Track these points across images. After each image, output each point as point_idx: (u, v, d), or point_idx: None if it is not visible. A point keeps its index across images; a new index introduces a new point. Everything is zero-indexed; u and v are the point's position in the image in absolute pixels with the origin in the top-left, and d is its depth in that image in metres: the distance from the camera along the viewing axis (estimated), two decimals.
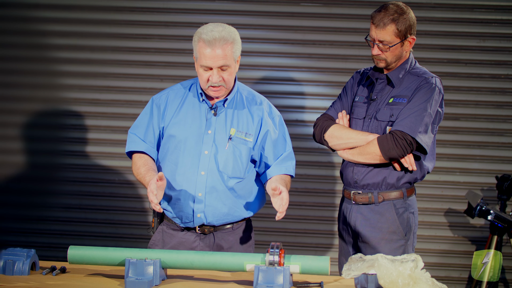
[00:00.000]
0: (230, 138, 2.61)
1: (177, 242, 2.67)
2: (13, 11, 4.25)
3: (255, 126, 2.65)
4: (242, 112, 2.65)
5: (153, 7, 4.24)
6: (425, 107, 2.71)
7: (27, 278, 2.25)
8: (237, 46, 2.54)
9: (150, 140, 2.66)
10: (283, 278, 2.12)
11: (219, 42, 2.47)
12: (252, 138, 2.63)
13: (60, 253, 3.73)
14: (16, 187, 4.29)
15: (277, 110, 2.77)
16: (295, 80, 4.24)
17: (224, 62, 2.49)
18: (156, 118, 2.66)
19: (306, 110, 4.22)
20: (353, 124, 2.89)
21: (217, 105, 2.62)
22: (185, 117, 2.63)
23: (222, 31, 2.50)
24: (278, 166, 2.67)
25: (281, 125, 2.72)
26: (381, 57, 2.77)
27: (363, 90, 2.92)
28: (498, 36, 4.14)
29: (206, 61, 2.49)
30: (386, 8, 2.73)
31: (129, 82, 4.27)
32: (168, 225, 2.71)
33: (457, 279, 4.21)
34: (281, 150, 2.69)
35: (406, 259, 2.07)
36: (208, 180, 2.58)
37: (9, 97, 4.28)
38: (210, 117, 2.62)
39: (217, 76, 2.51)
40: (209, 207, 2.60)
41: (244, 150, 2.62)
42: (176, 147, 2.61)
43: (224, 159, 2.59)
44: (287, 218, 4.25)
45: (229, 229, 2.69)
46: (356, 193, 2.86)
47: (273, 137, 2.67)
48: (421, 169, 2.82)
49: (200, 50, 2.50)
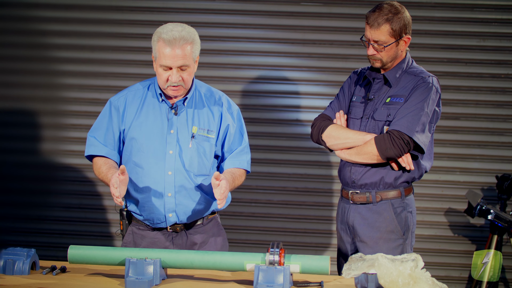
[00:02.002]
0: (193, 136, 2.62)
1: (149, 242, 2.68)
2: (13, 11, 4.25)
3: (216, 122, 2.67)
4: (202, 109, 2.66)
5: (153, 7, 4.24)
6: (422, 106, 2.71)
7: (27, 277, 2.25)
8: (197, 46, 2.56)
9: (110, 143, 2.66)
10: (283, 277, 2.12)
11: (178, 41, 2.48)
12: (214, 135, 2.66)
13: (60, 253, 3.72)
14: (16, 187, 4.29)
15: (236, 104, 2.78)
16: (295, 80, 4.23)
17: (183, 62, 2.50)
18: (115, 120, 2.66)
19: (306, 110, 4.21)
20: (350, 124, 2.89)
21: (177, 104, 2.63)
22: (146, 119, 2.63)
23: (182, 31, 2.51)
24: (232, 160, 2.70)
25: (239, 119, 2.75)
26: (376, 57, 2.77)
27: (360, 90, 2.92)
28: (498, 35, 4.13)
29: (165, 60, 2.50)
30: (380, 8, 2.73)
31: (129, 82, 4.24)
32: (138, 226, 2.70)
33: (457, 279, 4.21)
34: (237, 144, 2.71)
35: (406, 259, 2.07)
36: (176, 179, 2.59)
37: (9, 97, 4.28)
38: (171, 117, 2.62)
39: (177, 76, 2.52)
40: (180, 206, 2.61)
41: (207, 147, 2.64)
42: (140, 149, 2.61)
43: (189, 158, 2.61)
44: (287, 218, 4.27)
45: (200, 225, 2.70)
46: (354, 192, 2.86)
47: (231, 132, 2.70)
48: (418, 168, 2.82)
49: (159, 50, 2.51)
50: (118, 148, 2.68)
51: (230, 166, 2.68)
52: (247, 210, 4.24)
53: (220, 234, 2.79)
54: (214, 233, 2.75)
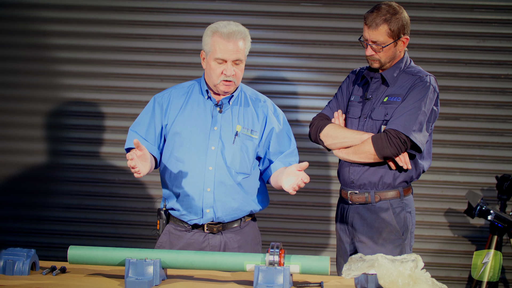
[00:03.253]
0: (237, 134, 2.63)
1: (185, 243, 2.67)
2: (13, 11, 4.25)
3: (260, 124, 2.68)
4: (247, 109, 2.68)
5: (153, 7, 4.24)
6: (420, 105, 2.71)
7: (27, 278, 2.25)
8: (249, 44, 2.62)
9: (151, 138, 2.67)
10: (283, 278, 2.12)
11: (236, 35, 2.54)
12: (257, 135, 2.67)
13: (60, 253, 3.73)
14: (16, 187, 4.29)
15: (280, 109, 2.80)
16: (294, 80, 4.24)
17: (238, 56, 2.55)
18: (158, 116, 2.67)
19: (306, 111, 4.21)
20: (348, 123, 2.90)
21: (223, 101, 2.65)
22: (190, 114, 2.65)
23: (237, 26, 2.59)
24: (282, 161, 2.69)
25: (285, 123, 2.76)
26: (374, 57, 2.78)
27: (359, 89, 2.93)
28: (498, 36, 4.14)
29: (222, 53, 2.53)
30: (378, 9, 2.74)
31: (129, 82, 4.27)
32: (175, 226, 2.70)
33: (457, 279, 4.21)
34: (285, 147, 2.72)
35: (406, 259, 2.07)
36: (216, 175, 2.60)
37: (9, 97, 4.29)
38: (215, 114, 2.64)
39: (232, 70, 2.55)
40: (218, 202, 2.61)
41: (250, 145, 2.65)
42: (182, 144, 2.63)
43: (232, 155, 2.61)
44: (287, 218, 4.27)
45: (237, 228, 2.69)
46: (353, 193, 2.86)
47: (277, 135, 2.70)
48: (416, 167, 2.82)
49: (215, 43, 2.54)
50: (158, 143, 2.69)
51: (280, 167, 2.68)
52: None
53: (256, 240, 2.77)
54: (250, 237, 2.74)
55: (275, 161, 2.70)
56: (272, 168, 2.69)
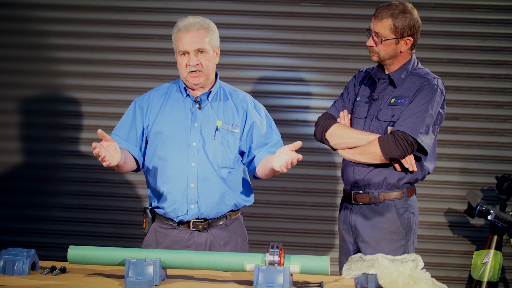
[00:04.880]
0: (217, 129, 2.65)
1: (171, 241, 2.68)
2: (13, 11, 4.25)
3: (240, 118, 2.70)
4: (227, 104, 2.71)
5: (153, 7, 4.24)
6: (427, 108, 2.71)
7: (27, 278, 2.25)
8: (214, 34, 2.63)
9: (132, 140, 2.70)
10: (283, 278, 2.12)
11: (194, 26, 2.58)
12: (238, 129, 2.69)
13: (60, 253, 3.73)
14: (16, 187, 4.29)
15: (260, 103, 2.82)
16: (295, 80, 4.24)
17: (200, 45, 2.57)
18: (139, 118, 2.71)
19: (306, 111, 4.21)
20: (354, 123, 2.89)
21: (201, 98, 2.67)
22: (170, 113, 2.68)
23: (197, 18, 2.62)
24: (267, 150, 2.71)
25: (267, 116, 2.79)
26: (374, 49, 2.78)
27: (365, 89, 2.92)
28: (498, 36, 4.14)
29: (182, 46, 2.58)
30: (390, 3, 2.77)
31: (129, 82, 4.27)
32: (161, 224, 2.72)
33: (457, 279, 4.21)
34: (269, 139, 2.74)
35: (406, 259, 2.07)
36: (199, 171, 2.62)
37: (9, 97, 4.28)
38: (195, 111, 2.67)
39: (195, 60, 2.58)
40: (202, 197, 2.62)
41: (231, 139, 2.67)
42: (164, 143, 2.65)
43: (213, 150, 2.64)
44: (287, 218, 4.27)
45: (223, 225, 2.71)
46: (356, 193, 2.86)
47: (260, 128, 2.72)
48: (421, 169, 2.82)
49: (177, 39, 2.60)
50: (139, 145, 2.71)
51: (265, 155, 2.68)
52: (247, 210, 4.23)
53: (242, 237, 2.79)
54: (236, 234, 2.75)
55: (260, 151, 2.71)
56: (257, 158, 2.70)
